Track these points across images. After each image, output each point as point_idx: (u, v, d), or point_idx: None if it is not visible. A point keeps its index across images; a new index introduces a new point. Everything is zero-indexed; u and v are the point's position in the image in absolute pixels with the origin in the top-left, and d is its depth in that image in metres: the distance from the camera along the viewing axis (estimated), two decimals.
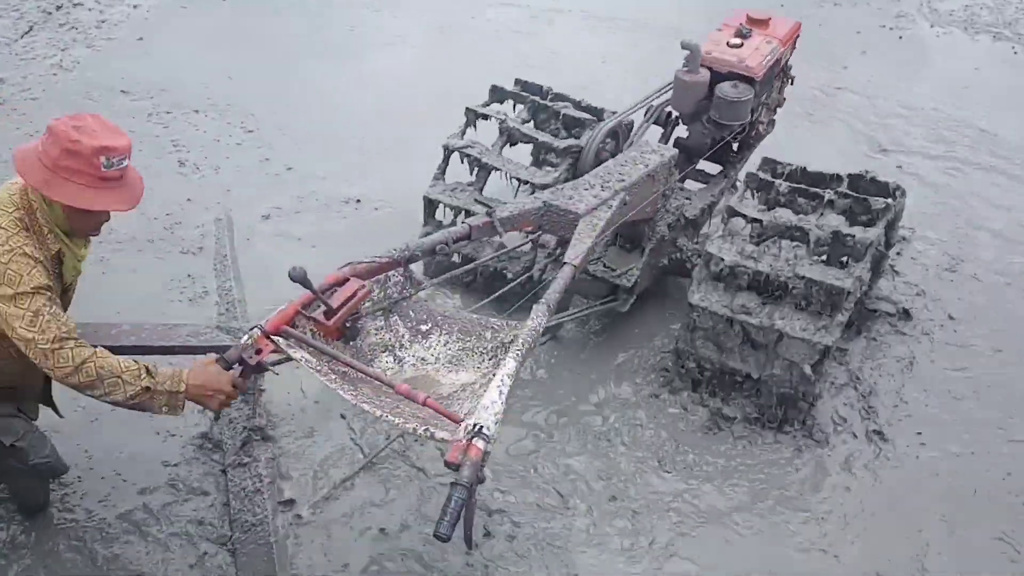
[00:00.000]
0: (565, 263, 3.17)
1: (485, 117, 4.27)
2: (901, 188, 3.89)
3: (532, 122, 4.34)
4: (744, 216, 3.74)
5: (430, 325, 3.09)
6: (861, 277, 3.54)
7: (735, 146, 4.40)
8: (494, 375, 2.69)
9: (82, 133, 2.54)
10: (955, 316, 4.29)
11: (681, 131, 4.42)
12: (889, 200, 3.76)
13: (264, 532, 3.15)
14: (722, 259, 3.60)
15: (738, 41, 4.17)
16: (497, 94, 4.34)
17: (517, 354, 2.68)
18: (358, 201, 4.83)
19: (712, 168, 4.45)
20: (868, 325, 4.17)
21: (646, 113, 4.32)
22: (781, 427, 3.69)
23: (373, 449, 3.55)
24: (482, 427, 2.43)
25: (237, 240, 4.53)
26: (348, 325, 2.89)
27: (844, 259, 3.70)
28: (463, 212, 4.06)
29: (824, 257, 3.68)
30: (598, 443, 3.66)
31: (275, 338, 2.73)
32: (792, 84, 4.59)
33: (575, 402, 3.82)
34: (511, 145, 4.26)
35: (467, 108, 4.28)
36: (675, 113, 4.33)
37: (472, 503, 2.48)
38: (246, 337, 2.74)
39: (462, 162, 4.19)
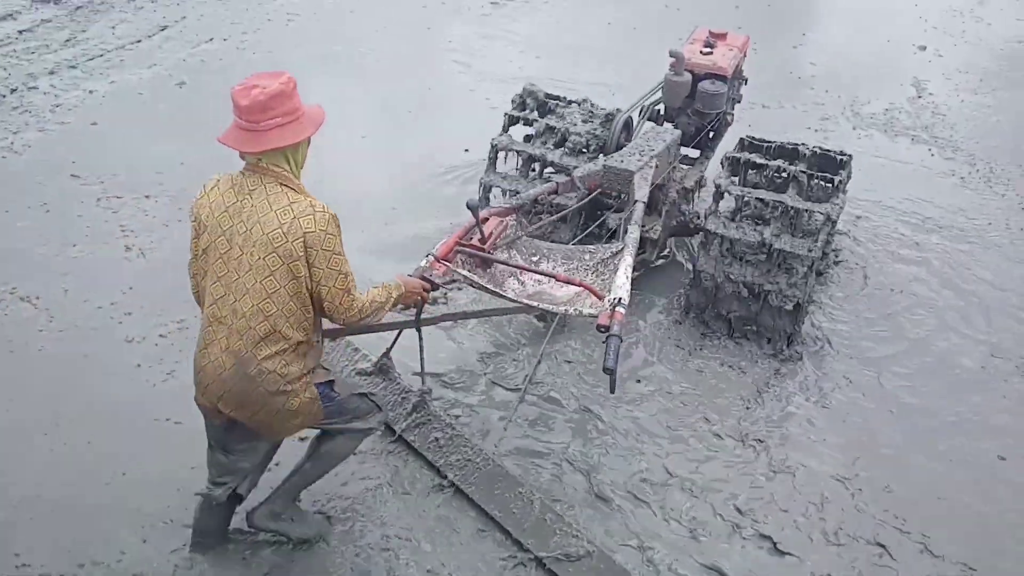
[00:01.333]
0: (636, 200, 4.18)
1: (506, 150, 5.00)
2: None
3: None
4: (741, 161, 4.69)
5: (539, 256, 4.03)
6: (841, 206, 4.58)
7: (711, 135, 5.48)
8: (606, 274, 3.73)
9: (259, 88, 2.81)
10: None
11: (667, 126, 5.44)
12: (846, 157, 4.87)
13: (483, 461, 3.80)
14: (730, 193, 4.53)
15: (708, 50, 5.30)
16: (526, 97, 5.18)
17: (630, 252, 3.69)
18: None
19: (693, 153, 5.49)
20: None
21: (640, 112, 5.34)
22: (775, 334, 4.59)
23: (515, 393, 4.23)
24: (621, 298, 3.37)
25: (182, 316, 4.44)
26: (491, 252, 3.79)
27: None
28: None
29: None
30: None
31: (444, 262, 3.59)
32: (746, 84, 5.76)
33: None
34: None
35: (491, 142, 4.98)
36: (662, 111, 5.37)
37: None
38: (424, 262, 3.55)
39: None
